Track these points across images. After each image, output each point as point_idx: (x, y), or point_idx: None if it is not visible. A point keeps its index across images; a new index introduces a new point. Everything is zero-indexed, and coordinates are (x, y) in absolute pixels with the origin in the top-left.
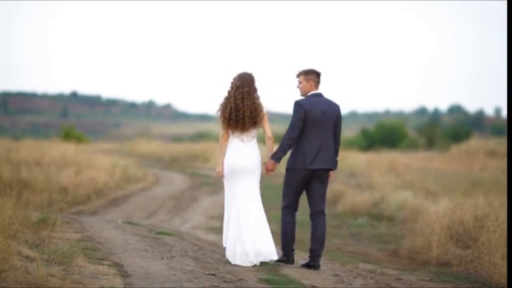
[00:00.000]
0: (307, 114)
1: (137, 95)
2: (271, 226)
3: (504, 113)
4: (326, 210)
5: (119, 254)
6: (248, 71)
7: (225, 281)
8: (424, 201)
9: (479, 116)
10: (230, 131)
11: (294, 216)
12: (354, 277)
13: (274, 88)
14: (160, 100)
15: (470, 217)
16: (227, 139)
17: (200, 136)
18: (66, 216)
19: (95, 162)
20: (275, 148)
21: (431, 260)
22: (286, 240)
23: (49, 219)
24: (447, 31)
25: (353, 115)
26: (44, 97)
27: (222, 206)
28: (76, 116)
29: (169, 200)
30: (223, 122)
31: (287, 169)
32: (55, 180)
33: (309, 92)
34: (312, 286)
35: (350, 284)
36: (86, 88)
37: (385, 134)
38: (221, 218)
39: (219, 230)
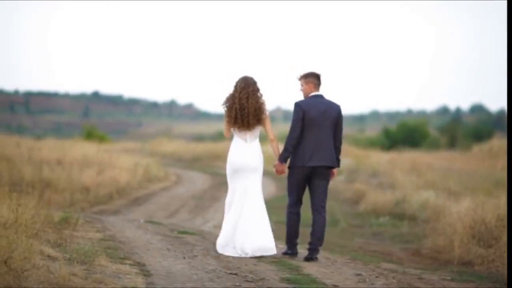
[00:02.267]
0: (305, 114)
1: (159, 95)
2: None
3: None
4: (348, 209)
5: (141, 253)
6: (250, 75)
7: (247, 281)
8: (446, 200)
9: (501, 116)
10: (234, 130)
11: (298, 211)
12: (376, 277)
13: (274, 89)
14: (182, 100)
15: (492, 216)
16: (229, 136)
17: (222, 136)
18: (88, 216)
19: (117, 161)
20: (281, 148)
21: (453, 259)
22: (289, 235)
23: (71, 219)
24: (469, 30)
25: (375, 115)
26: (66, 96)
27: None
28: (98, 116)
29: (191, 200)
30: (229, 122)
31: (289, 167)
32: (77, 180)
33: (309, 94)
34: (334, 285)
35: (372, 284)
36: (108, 88)
37: (407, 133)
38: None
39: None
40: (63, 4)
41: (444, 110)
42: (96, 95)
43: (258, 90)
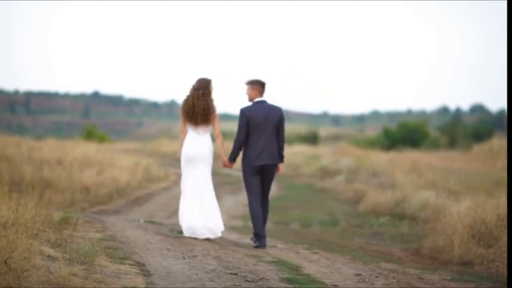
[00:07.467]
0: (249, 119)
1: (159, 95)
2: (294, 225)
3: None
4: (348, 209)
5: (141, 253)
6: (208, 77)
7: (247, 281)
8: (446, 200)
9: (501, 116)
10: (187, 125)
11: (258, 205)
12: (376, 277)
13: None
14: (182, 100)
15: (492, 216)
16: (184, 131)
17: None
18: (88, 215)
19: (117, 161)
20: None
21: (453, 259)
22: (255, 227)
23: (71, 219)
24: (469, 30)
25: (375, 115)
26: (67, 96)
27: (244, 205)
28: (98, 116)
29: None
30: (182, 116)
31: (242, 168)
32: (77, 180)
33: (254, 99)
34: (334, 285)
35: (372, 284)
36: (108, 88)
37: (407, 133)
38: (243, 217)
39: (241, 230)
40: (63, 4)
41: (444, 110)
42: (96, 95)
43: (209, 93)
